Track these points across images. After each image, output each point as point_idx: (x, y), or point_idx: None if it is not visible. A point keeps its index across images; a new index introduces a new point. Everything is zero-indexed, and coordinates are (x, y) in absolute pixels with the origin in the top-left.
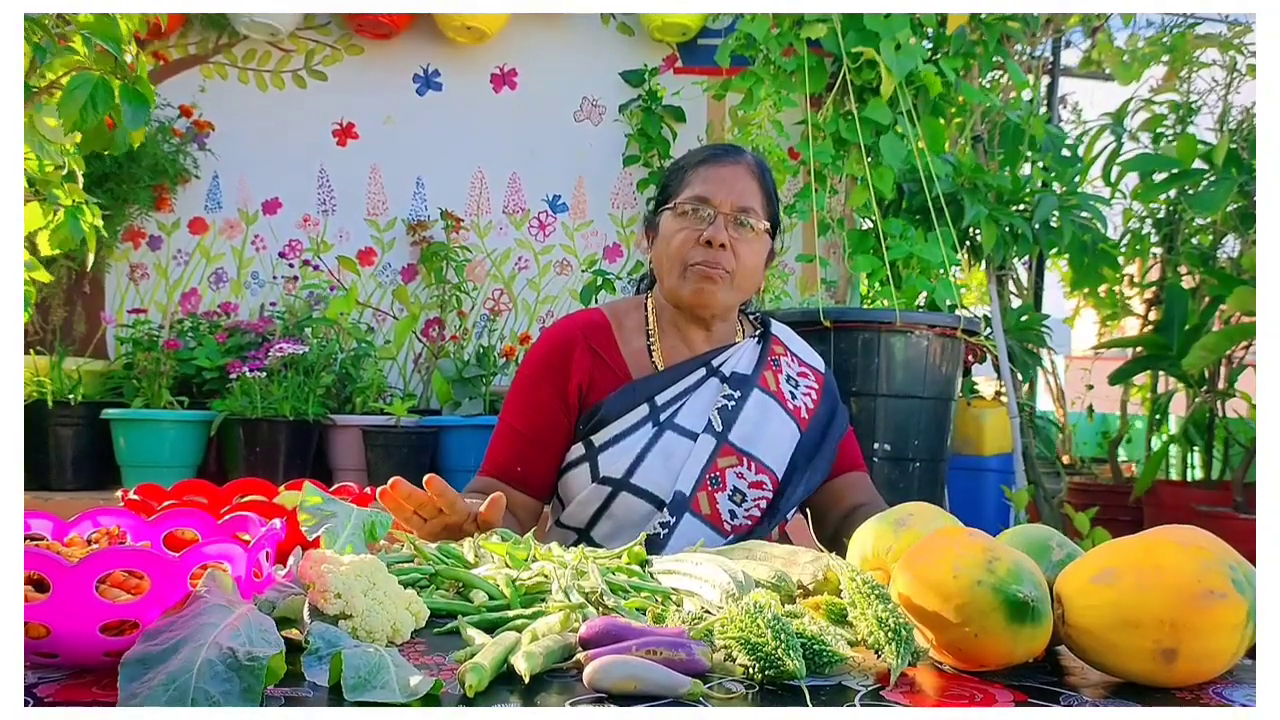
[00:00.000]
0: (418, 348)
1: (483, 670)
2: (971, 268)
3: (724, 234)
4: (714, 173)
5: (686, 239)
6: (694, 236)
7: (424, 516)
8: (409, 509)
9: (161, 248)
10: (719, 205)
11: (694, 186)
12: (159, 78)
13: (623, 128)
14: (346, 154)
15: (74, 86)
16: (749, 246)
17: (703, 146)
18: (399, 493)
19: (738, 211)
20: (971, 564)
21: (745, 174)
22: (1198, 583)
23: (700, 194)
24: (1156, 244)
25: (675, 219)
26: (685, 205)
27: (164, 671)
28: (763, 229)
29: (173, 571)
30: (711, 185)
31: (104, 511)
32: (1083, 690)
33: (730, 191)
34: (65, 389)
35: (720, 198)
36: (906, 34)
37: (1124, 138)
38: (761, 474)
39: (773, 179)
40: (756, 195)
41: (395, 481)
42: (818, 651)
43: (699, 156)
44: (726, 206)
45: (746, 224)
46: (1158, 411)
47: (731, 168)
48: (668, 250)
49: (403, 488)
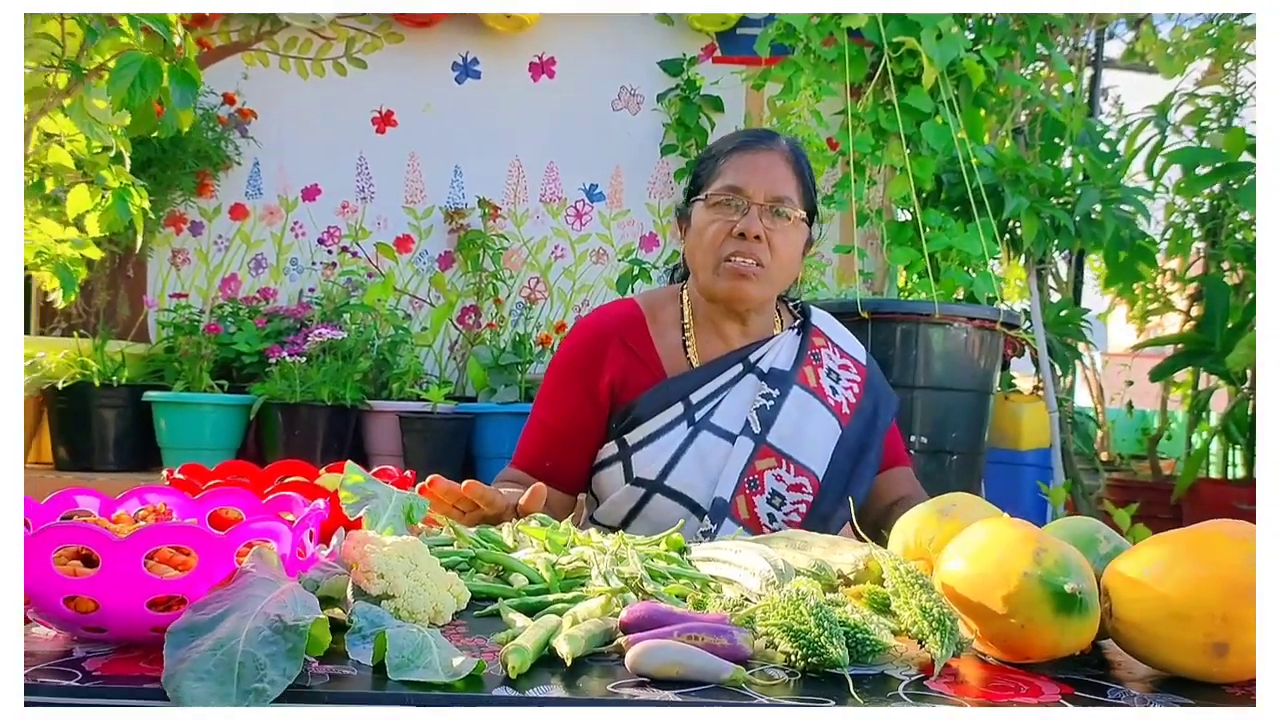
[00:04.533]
0: (454, 335)
1: (525, 652)
2: (1011, 261)
3: (758, 225)
4: (747, 161)
5: (719, 231)
6: (727, 228)
7: (462, 510)
8: (447, 503)
9: (203, 233)
10: (753, 195)
11: (726, 176)
12: (202, 65)
13: (661, 117)
14: (385, 142)
15: (123, 66)
16: (784, 237)
17: (735, 133)
18: (438, 490)
19: (772, 201)
20: (1018, 554)
21: (780, 161)
22: (1249, 576)
23: (733, 183)
24: (1199, 239)
25: (708, 210)
26: (718, 196)
27: (212, 638)
28: (799, 218)
29: (220, 548)
30: (744, 174)
31: (150, 489)
32: (1129, 684)
33: (764, 180)
34: (108, 372)
35: (754, 187)
36: (949, 23)
37: (1167, 131)
38: (801, 476)
39: (809, 164)
40: (791, 183)
41: (434, 479)
42: (861, 640)
43: (731, 144)
44: (760, 196)
45: (782, 213)
46: (1199, 408)
47: (765, 155)
48: (700, 243)
49: (441, 485)
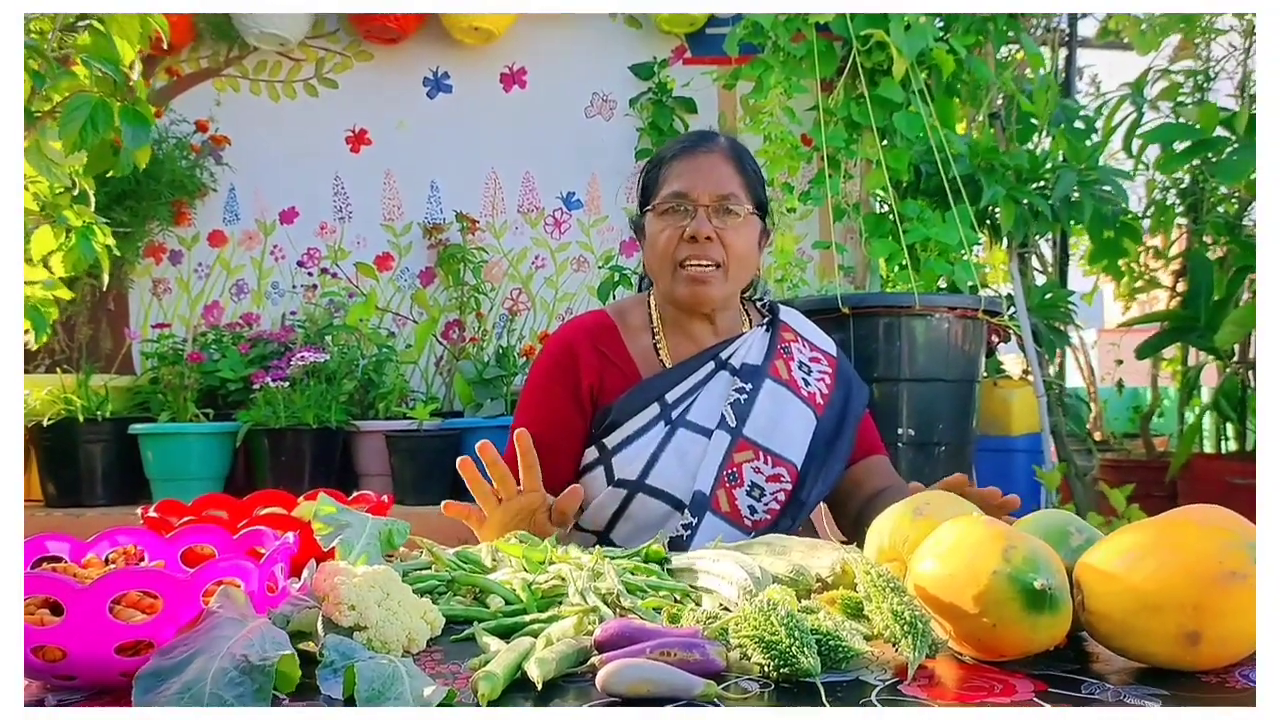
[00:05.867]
0: (438, 351)
1: (495, 678)
2: (992, 247)
3: (708, 226)
4: (688, 164)
5: (671, 237)
6: (678, 233)
7: (500, 497)
8: (487, 486)
9: (182, 262)
10: (698, 198)
11: (670, 182)
12: (173, 93)
13: (634, 122)
14: (360, 160)
15: (73, 108)
16: (736, 233)
17: (675, 139)
18: (486, 456)
19: (718, 200)
20: (988, 553)
21: (720, 160)
22: (1219, 564)
23: (677, 189)
24: (1181, 214)
25: (658, 218)
26: (665, 203)
27: (179, 682)
28: (748, 212)
29: (185, 590)
30: (687, 178)
31: (122, 531)
32: (1107, 677)
33: (707, 181)
34: (93, 406)
35: (699, 189)
36: (916, 13)
37: (1144, 108)
38: (779, 466)
39: (752, 158)
40: (735, 179)
41: (483, 444)
42: (833, 647)
43: (672, 151)
44: (706, 197)
45: (730, 210)
46: (1189, 385)
47: (705, 156)
48: (655, 251)
49: (490, 451)
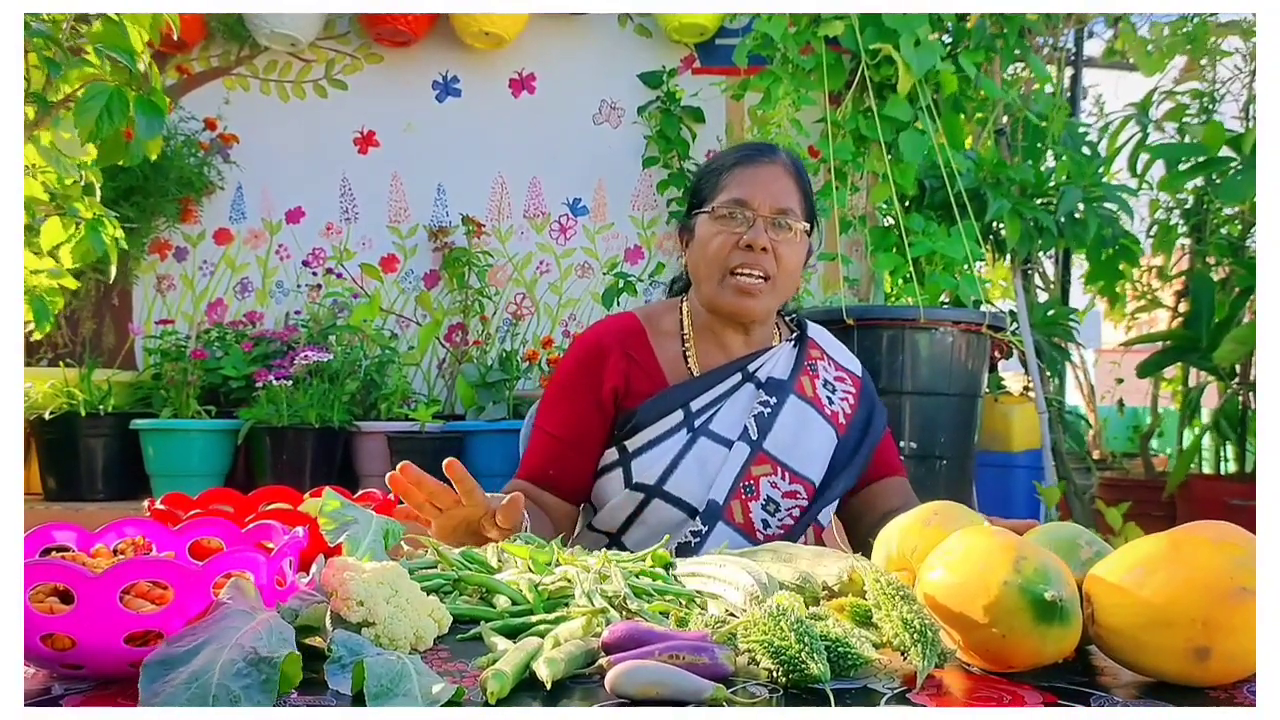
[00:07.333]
0: (441, 353)
1: (504, 677)
2: (996, 263)
3: (764, 237)
4: (750, 174)
5: (724, 243)
6: (733, 240)
7: (438, 506)
8: (420, 496)
9: (187, 259)
10: (758, 207)
11: (730, 189)
12: (183, 91)
13: (642, 130)
14: (368, 162)
15: (89, 98)
16: (789, 248)
17: (735, 147)
18: (408, 477)
19: (777, 213)
20: (998, 563)
21: (782, 173)
22: (1230, 580)
23: (738, 196)
24: (1184, 234)
25: (713, 222)
26: (723, 209)
27: (186, 671)
28: (802, 229)
29: (196, 581)
30: (748, 187)
31: (129, 522)
32: (1114, 690)
33: (768, 193)
34: (95, 400)
35: (759, 200)
36: (925, 30)
37: (1149, 128)
38: (796, 483)
39: (808, 176)
40: (794, 194)
41: (404, 466)
42: (842, 654)
43: (733, 158)
44: (765, 209)
45: (786, 225)
46: (1189, 405)
47: (768, 168)
48: (705, 255)
49: (411, 472)
